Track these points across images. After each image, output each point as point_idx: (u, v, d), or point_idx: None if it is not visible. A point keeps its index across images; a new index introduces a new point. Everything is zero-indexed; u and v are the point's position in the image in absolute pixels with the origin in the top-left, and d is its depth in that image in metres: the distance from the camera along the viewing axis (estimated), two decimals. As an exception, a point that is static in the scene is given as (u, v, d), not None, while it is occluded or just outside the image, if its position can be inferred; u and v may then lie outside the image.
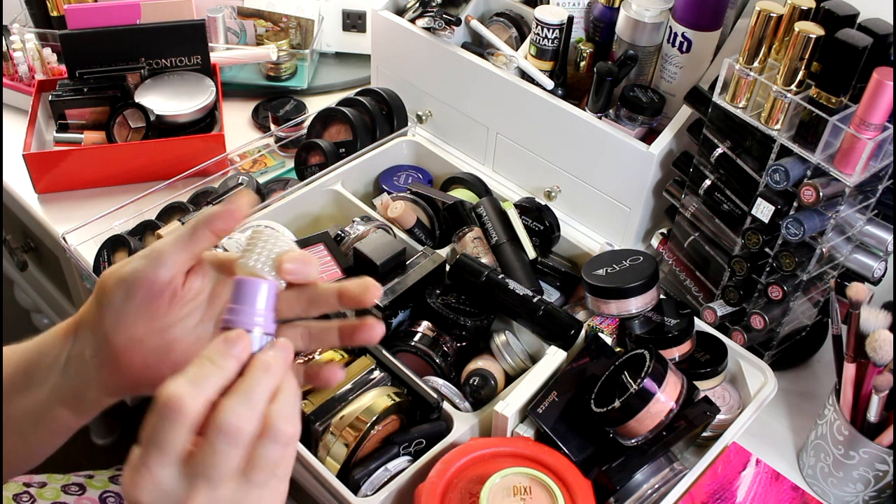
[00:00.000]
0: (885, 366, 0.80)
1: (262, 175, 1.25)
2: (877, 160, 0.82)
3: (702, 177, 0.97)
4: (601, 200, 1.11)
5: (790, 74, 0.84)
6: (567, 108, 1.09)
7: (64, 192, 1.22)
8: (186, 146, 1.21)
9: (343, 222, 1.05)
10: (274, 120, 1.31)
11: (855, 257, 0.91)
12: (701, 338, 0.93)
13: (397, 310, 0.92)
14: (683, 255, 1.05)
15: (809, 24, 0.82)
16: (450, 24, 1.18)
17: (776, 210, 0.87)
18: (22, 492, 0.88)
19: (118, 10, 1.28)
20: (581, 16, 1.14)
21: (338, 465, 0.78)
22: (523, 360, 0.90)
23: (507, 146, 1.20)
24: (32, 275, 1.57)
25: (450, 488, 0.75)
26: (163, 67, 1.29)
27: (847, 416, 0.83)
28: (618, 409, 0.77)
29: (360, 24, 1.48)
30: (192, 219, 0.51)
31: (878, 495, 0.86)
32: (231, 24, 1.44)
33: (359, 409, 0.79)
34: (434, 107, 1.28)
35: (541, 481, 0.74)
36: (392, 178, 1.16)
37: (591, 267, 0.91)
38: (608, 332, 0.91)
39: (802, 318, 0.98)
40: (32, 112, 1.27)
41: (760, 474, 0.84)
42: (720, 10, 1.01)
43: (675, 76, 1.06)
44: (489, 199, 1.03)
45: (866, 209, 0.88)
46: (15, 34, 1.36)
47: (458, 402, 0.86)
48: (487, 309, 0.93)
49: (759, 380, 0.90)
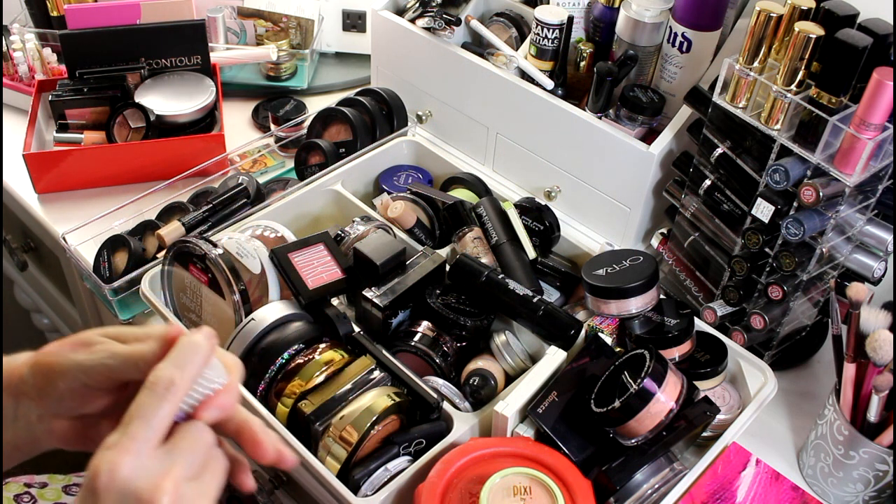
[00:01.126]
0: (885, 366, 0.80)
1: (262, 175, 1.25)
2: (877, 160, 0.82)
3: (702, 177, 0.97)
4: (601, 200, 1.11)
5: (790, 74, 0.84)
6: (567, 108, 1.09)
7: (64, 192, 1.22)
8: (186, 146, 1.21)
9: (343, 222, 1.05)
10: (274, 120, 1.31)
11: (855, 257, 0.91)
12: (701, 338, 0.93)
13: (397, 310, 0.92)
14: (683, 255, 1.05)
15: (809, 24, 0.82)
16: (450, 24, 1.18)
17: (776, 210, 0.87)
18: (23, 492, 0.89)
19: (118, 10, 1.28)
20: (581, 16, 1.14)
21: (338, 465, 0.78)
22: (523, 360, 0.90)
23: (507, 146, 1.20)
24: (32, 275, 1.57)
25: (450, 488, 0.75)
26: (163, 67, 1.29)
27: (847, 416, 0.83)
28: (618, 409, 0.77)
29: (360, 24, 1.48)
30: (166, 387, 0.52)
31: (878, 495, 0.86)
32: (231, 24, 1.44)
33: (359, 409, 0.79)
34: (434, 107, 1.28)
35: (541, 481, 0.74)
36: (392, 178, 1.16)
37: (591, 267, 0.91)
38: (608, 332, 0.91)
39: (802, 318, 0.98)
40: (32, 112, 1.27)
41: (760, 474, 0.84)
42: (720, 10, 1.02)
43: (675, 76, 1.06)
44: (489, 199, 1.03)
45: (866, 209, 0.88)
46: (15, 34, 1.36)
47: (458, 402, 0.86)
48: (487, 309, 0.93)
49: (759, 380, 0.90)
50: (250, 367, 0.85)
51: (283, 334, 0.86)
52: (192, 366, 0.51)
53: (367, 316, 0.92)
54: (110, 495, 0.47)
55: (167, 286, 0.96)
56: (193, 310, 0.95)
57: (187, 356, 0.51)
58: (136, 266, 1.01)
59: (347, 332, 0.88)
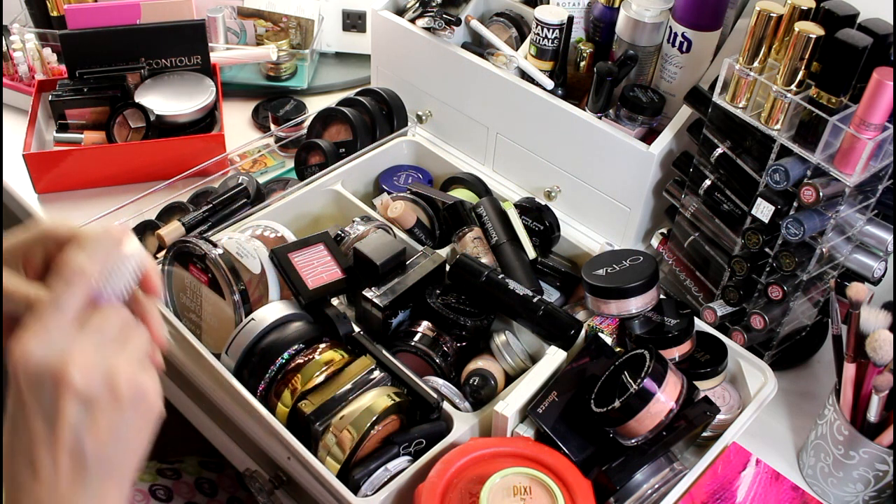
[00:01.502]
0: (885, 366, 0.80)
1: (262, 175, 1.25)
2: (877, 160, 0.82)
3: (702, 177, 0.97)
4: (601, 200, 1.11)
5: (790, 74, 0.84)
6: (567, 108, 1.09)
7: (64, 192, 1.22)
8: (186, 146, 1.21)
9: (343, 222, 1.05)
10: (274, 120, 1.31)
11: (855, 257, 0.91)
12: (701, 338, 0.93)
13: (397, 310, 0.92)
14: (683, 255, 1.05)
15: (809, 24, 0.82)
16: (450, 24, 1.18)
17: (776, 210, 0.87)
18: None
19: (118, 10, 1.28)
20: (581, 16, 1.14)
21: (338, 465, 0.78)
22: (523, 360, 0.90)
23: (507, 146, 1.20)
24: (32, 275, 1.57)
25: (450, 488, 0.75)
26: (163, 67, 1.29)
27: (847, 416, 0.83)
28: (618, 409, 0.77)
29: (360, 24, 1.48)
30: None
31: (878, 495, 0.86)
32: (231, 24, 1.44)
33: (359, 409, 0.79)
34: (434, 107, 1.28)
35: (541, 481, 0.74)
36: (392, 178, 1.16)
37: (591, 267, 0.91)
38: (608, 332, 0.91)
39: (802, 318, 0.98)
40: (32, 112, 1.27)
41: (760, 474, 0.84)
42: (720, 10, 1.01)
43: (675, 76, 1.06)
44: (489, 199, 1.03)
45: (866, 209, 0.88)
46: (15, 34, 1.36)
47: (458, 402, 0.86)
48: (487, 309, 0.93)
49: (759, 380, 0.90)
50: (250, 367, 0.85)
51: (283, 334, 0.86)
52: (100, 253, 0.52)
53: (367, 316, 0.92)
54: (28, 377, 0.48)
55: (167, 286, 0.96)
56: (193, 310, 0.95)
57: (95, 244, 0.53)
58: (136, 266, 1.01)
59: (347, 332, 0.88)
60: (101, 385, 0.49)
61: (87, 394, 0.48)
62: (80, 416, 0.48)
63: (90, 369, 0.49)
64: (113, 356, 0.50)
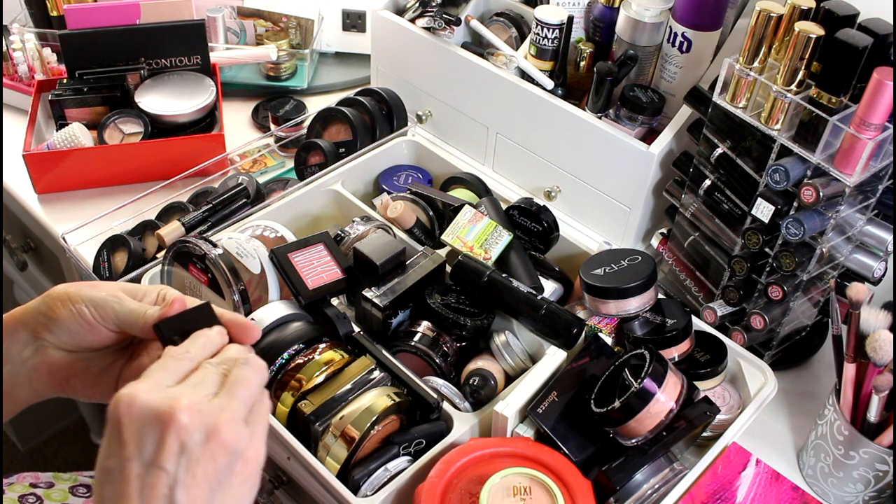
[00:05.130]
0: (885, 366, 0.80)
1: (262, 175, 1.25)
2: (877, 160, 0.82)
3: (702, 177, 0.97)
4: (601, 200, 1.11)
5: (790, 74, 0.84)
6: (567, 108, 1.09)
7: (64, 192, 1.22)
8: (186, 146, 1.21)
9: (343, 222, 1.05)
10: (274, 120, 1.31)
11: (855, 257, 0.91)
12: (701, 338, 0.93)
13: (397, 310, 0.92)
14: (683, 255, 1.05)
15: (809, 24, 0.82)
16: (450, 24, 1.18)
17: (776, 210, 0.87)
18: (28, 493, 0.88)
19: (118, 10, 1.28)
20: (581, 16, 1.14)
21: (338, 466, 0.78)
22: (523, 360, 0.90)
23: (507, 146, 1.20)
24: (32, 275, 1.57)
25: (450, 488, 0.75)
26: (163, 67, 1.29)
27: (847, 416, 0.83)
28: (618, 409, 0.77)
29: (360, 24, 1.48)
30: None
31: (878, 495, 0.86)
32: (231, 23, 1.44)
33: (359, 409, 0.79)
34: (434, 107, 1.28)
35: (541, 481, 0.74)
36: (392, 178, 1.16)
37: (590, 266, 0.91)
38: (608, 332, 0.91)
39: (802, 318, 0.98)
40: (32, 112, 1.27)
41: (760, 474, 0.84)
42: (720, 10, 1.01)
43: (675, 76, 1.06)
44: (489, 199, 1.03)
45: (866, 209, 0.88)
46: (15, 34, 1.36)
47: (458, 402, 0.86)
48: (489, 308, 0.93)
49: (759, 380, 0.90)
50: (250, 367, 0.85)
51: (282, 334, 0.86)
52: (207, 349, 0.58)
53: (367, 316, 0.91)
54: (131, 419, 0.49)
55: (167, 286, 0.96)
56: (193, 310, 0.95)
57: (205, 342, 0.58)
58: (135, 266, 1.01)
59: (347, 332, 0.88)
60: (202, 432, 0.49)
61: (190, 436, 0.49)
62: (178, 465, 0.48)
63: (196, 414, 0.50)
64: (218, 409, 0.51)
